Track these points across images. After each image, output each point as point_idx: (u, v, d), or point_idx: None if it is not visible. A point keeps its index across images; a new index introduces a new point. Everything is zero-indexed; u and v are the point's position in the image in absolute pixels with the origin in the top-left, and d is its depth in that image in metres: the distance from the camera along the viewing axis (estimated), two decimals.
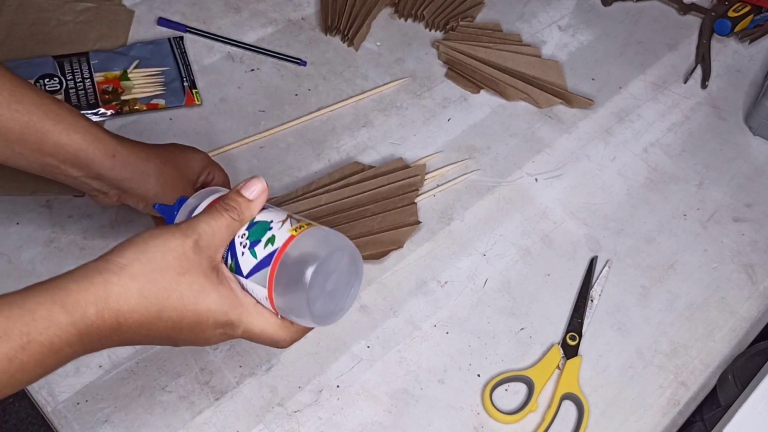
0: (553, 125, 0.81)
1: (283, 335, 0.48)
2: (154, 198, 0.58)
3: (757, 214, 0.77)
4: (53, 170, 0.55)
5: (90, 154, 0.54)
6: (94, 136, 0.55)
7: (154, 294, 0.42)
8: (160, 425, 0.57)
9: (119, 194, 0.58)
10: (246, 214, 0.46)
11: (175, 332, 0.44)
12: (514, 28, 0.90)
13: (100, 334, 0.41)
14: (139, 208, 0.59)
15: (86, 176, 0.56)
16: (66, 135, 0.53)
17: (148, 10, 0.84)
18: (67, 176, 0.55)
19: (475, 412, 0.60)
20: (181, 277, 0.43)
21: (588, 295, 0.68)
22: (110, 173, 0.56)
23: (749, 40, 0.94)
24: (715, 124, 0.85)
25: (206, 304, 0.44)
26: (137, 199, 0.58)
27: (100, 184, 0.57)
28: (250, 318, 0.46)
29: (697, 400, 0.64)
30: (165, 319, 0.43)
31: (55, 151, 0.53)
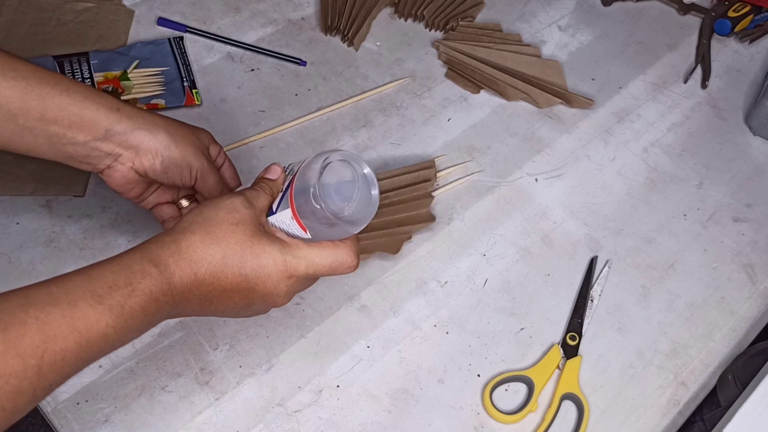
0: (553, 125, 0.81)
1: (343, 252, 0.52)
2: (167, 151, 0.56)
3: (757, 214, 0.77)
4: (60, 141, 0.53)
5: (94, 111, 0.53)
6: (94, 93, 0.54)
7: (214, 242, 0.47)
8: (160, 425, 0.57)
9: (132, 157, 0.55)
10: (274, 189, 0.53)
11: (244, 281, 0.48)
12: (514, 28, 0.90)
13: (183, 287, 0.46)
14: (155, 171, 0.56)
15: (94, 139, 0.54)
16: (66, 95, 0.52)
17: (148, 10, 0.84)
18: (76, 144, 0.54)
19: (475, 412, 0.60)
20: (235, 226, 0.48)
21: (588, 295, 0.68)
22: (117, 126, 0.54)
23: (749, 40, 0.94)
24: (715, 124, 0.85)
25: (261, 245, 0.49)
26: (152, 155, 0.55)
27: (110, 145, 0.54)
28: (305, 251, 0.50)
29: (697, 400, 0.64)
30: (230, 265, 0.48)
31: (59, 115, 0.52)
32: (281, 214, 0.51)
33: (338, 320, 0.64)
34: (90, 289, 0.42)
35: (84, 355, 0.42)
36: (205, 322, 0.62)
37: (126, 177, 0.57)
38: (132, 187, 0.58)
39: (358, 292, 0.66)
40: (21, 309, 0.40)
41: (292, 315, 0.64)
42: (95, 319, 0.42)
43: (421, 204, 0.71)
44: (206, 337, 0.61)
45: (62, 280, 0.43)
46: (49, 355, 0.40)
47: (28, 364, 0.39)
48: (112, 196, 0.68)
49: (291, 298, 0.52)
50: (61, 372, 0.41)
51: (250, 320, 0.63)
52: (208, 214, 0.49)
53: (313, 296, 0.65)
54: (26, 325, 0.39)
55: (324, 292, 0.65)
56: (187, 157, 0.57)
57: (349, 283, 0.66)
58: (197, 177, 0.58)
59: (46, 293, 0.41)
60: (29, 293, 0.41)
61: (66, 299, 0.41)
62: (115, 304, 0.43)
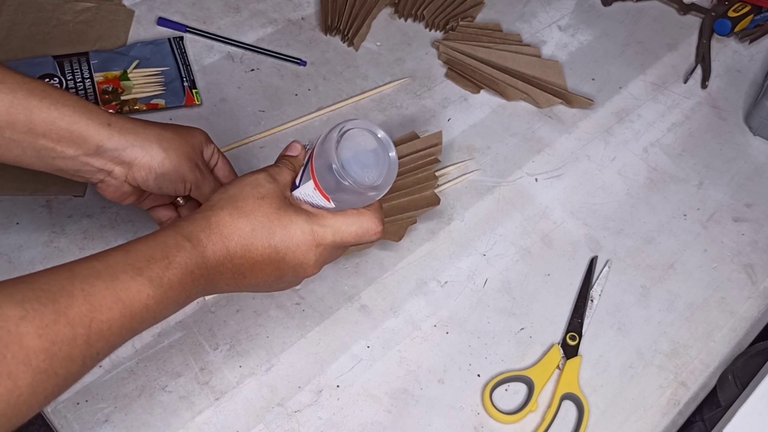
0: (553, 125, 0.81)
1: (367, 219, 0.53)
2: (160, 167, 0.55)
3: (757, 214, 0.77)
4: (49, 155, 0.52)
5: (83, 126, 0.52)
6: (84, 107, 0.53)
7: (243, 215, 0.49)
8: (160, 425, 0.57)
9: (125, 172, 0.55)
10: (296, 165, 0.54)
11: (274, 252, 0.50)
12: (514, 28, 0.90)
13: (216, 260, 0.48)
14: (149, 185, 0.56)
15: (85, 154, 0.53)
16: (55, 109, 0.51)
17: (148, 10, 0.84)
18: (66, 158, 0.53)
19: (475, 412, 0.60)
20: (261, 200, 0.50)
21: (588, 295, 0.68)
22: (108, 143, 0.53)
23: (749, 40, 0.94)
24: (715, 124, 0.85)
25: (287, 216, 0.50)
26: (145, 171, 0.55)
27: (101, 161, 0.54)
28: (330, 220, 0.51)
29: (697, 400, 0.64)
30: (259, 237, 0.49)
31: (47, 130, 0.51)
32: (304, 187, 0.52)
33: (338, 320, 0.64)
34: (129, 263, 0.44)
35: (128, 325, 0.43)
36: (205, 322, 0.62)
37: (120, 190, 0.56)
38: (126, 197, 0.58)
39: (358, 292, 0.66)
40: (68, 281, 0.41)
41: (292, 315, 0.64)
42: (137, 290, 0.43)
43: (426, 186, 0.71)
44: (206, 337, 0.61)
45: (103, 255, 0.44)
46: (96, 324, 0.41)
47: (77, 332, 0.40)
48: None
49: (321, 267, 0.53)
50: (108, 341, 0.42)
51: (250, 320, 0.63)
52: (233, 191, 0.50)
53: (313, 296, 0.65)
54: (73, 297, 0.41)
55: (324, 292, 0.65)
56: (180, 171, 0.56)
57: (349, 283, 0.66)
58: (191, 189, 0.58)
59: (89, 267, 0.43)
60: (74, 268, 0.43)
61: (108, 272, 0.43)
62: (154, 276, 0.44)
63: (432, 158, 0.72)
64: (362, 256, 0.68)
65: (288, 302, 0.64)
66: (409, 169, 0.71)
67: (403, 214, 0.69)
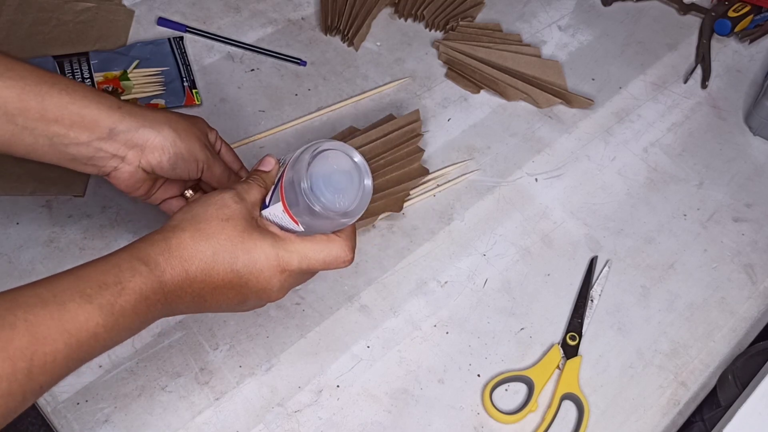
0: (553, 125, 0.81)
1: (337, 246, 0.51)
2: (173, 147, 0.55)
3: (757, 214, 0.77)
4: (62, 142, 0.52)
5: (95, 110, 0.52)
6: (93, 92, 0.53)
7: (204, 239, 0.47)
8: (160, 425, 0.57)
9: (138, 156, 0.54)
10: (267, 181, 0.53)
11: (236, 277, 0.48)
12: (514, 28, 0.90)
13: (175, 285, 0.46)
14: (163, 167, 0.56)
15: (98, 139, 0.53)
16: (66, 94, 0.51)
17: (148, 10, 0.84)
18: (79, 145, 0.53)
19: (475, 412, 0.60)
20: (225, 222, 0.48)
21: (588, 295, 0.68)
22: (120, 125, 0.53)
23: (749, 40, 0.94)
24: (715, 124, 0.85)
25: (252, 240, 0.48)
26: (159, 152, 0.55)
27: (114, 145, 0.54)
28: (297, 245, 0.50)
29: (697, 400, 0.64)
30: (220, 261, 0.47)
31: (59, 115, 0.51)
32: (273, 208, 0.50)
33: (338, 320, 0.64)
34: (79, 289, 0.42)
35: (75, 355, 0.41)
36: (205, 321, 0.62)
37: (134, 177, 0.56)
38: (139, 186, 0.57)
39: (358, 292, 0.66)
40: (9, 311, 0.39)
41: (292, 315, 0.64)
42: (85, 319, 0.41)
43: (413, 159, 0.73)
44: (206, 337, 0.61)
45: (50, 281, 0.42)
46: (39, 357, 0.39)
47: (17, 366, 0.38)
48: (112, 196, 0.68)
49: (286, 292, 0.52)
50: (52, 374, 0.40)
51: (250, 320, 0.63)
52: (197, 210, 0.49)
53: (313, 296, 0.65)
54: (14, 328, 0.39)
55: (324, 292, 0.65)
56: (193, 151, 0.57)
57: (349, 283, 0.66)
58: (203, 169, 0.58)
59: (34, 295, 0.41)
60: (17, 295, 0.41)
61: (54, 300, 0.41)
62: (104, 303, 0.42)
63: (414, 133, 0.74)
64: (362, 255, 0.68)
65: (288, 302, 0.64)
66: (396, 144, 0.73)
67: (397, 187, 0.71)
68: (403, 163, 0.73)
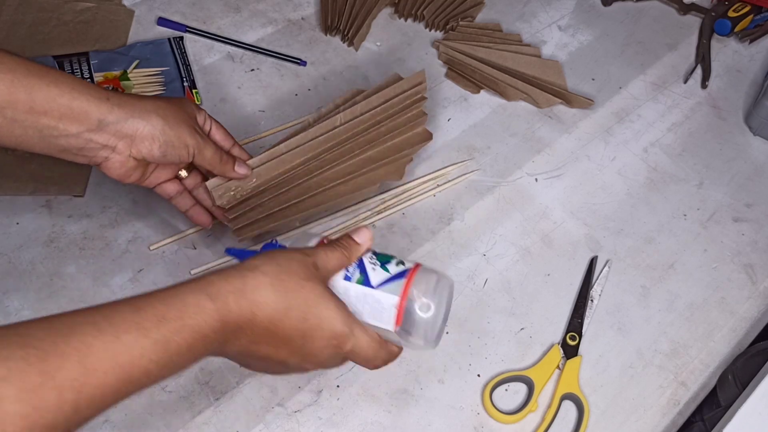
0: (553, 125, 0.81)
1: (382, 354, 0.51)
2: (162, 135, 0.55)
3: (757, 214, 0.77)
4: (51, 134, 0.52)
5: (84, 102, 0.52)
6: (82, 84, 0.53)
7: (282, 290, 0.46)
8: (160, 425, 0.57)
9: (129, 146, 0.55)
10: (354, 253, 0.51)
11: (299, 336, 0.47)
12: (514, 28, 0.90)
13: (236, 326, 0.44)
14: (153, 155, 0.56)
15: (87, 130, 0.53)
16: (55, 86, 0.52)
17: (148, 10, 0.84)
18: (69, 136, 0.53)
19: (475, 412, 0.60)
20: (305, 281, 0.47)
21: (588, 295, 0.68)
22: (109, 116, 0.53)
23: (749, 40, 0.94)
24: (715, 124, 0.85)
25: (327, 309, 0.47)
26: (149, 141, 0.55)
27: (104, 136, 0.54)
28: (361, 332, 0.49)
29: (697, 400, 0.64)
30: (291, 317, 0.46)
31: (48, 108, 0.51)
32: (383, 295, 0.50)
33: None
34: (136, 321, 0.40)
35: (123, 390, 0.39)
36: None
37: (125, 166, 0.56)
38: (131, 174, 0.58)
39: None
40: (63, 339, 0.37)
41: None
42: (139, 355, 0.39)
43: (416, 124, 0.72)
44: None
45: (108, 309, 0.40)
46: (88, 389, 0.37)
47: (64, 398, 0.36)
48: (112, 196, 0.68)
49: (321, 368, 0.51)
50: (98, 407, 0.38)
51: None
52: (281, 261, 0.47)
53: None
54: (65, 357, 0.36)
55: None
56: (182, 137, 0.57)
57: None
58: (194, 154, 0.58)
59: (91, 323, 0.39)
60: (74, 323, 0.38)
61: (110, 330, 0.39)
62: (160, 338, 0.40)
63: (419, 96, 0.72)
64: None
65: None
66: (399, 109, 0.71)
67: (399, 154, 0.70)
68: (405, 129, 0.71)
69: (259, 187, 0.65)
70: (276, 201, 0.66)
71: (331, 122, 0.68)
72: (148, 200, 0.68)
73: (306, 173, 0.67)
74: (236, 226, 0.64)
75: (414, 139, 0.72)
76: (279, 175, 0.65)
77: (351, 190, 0.68)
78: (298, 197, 0.66)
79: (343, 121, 0.68)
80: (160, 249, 0.66)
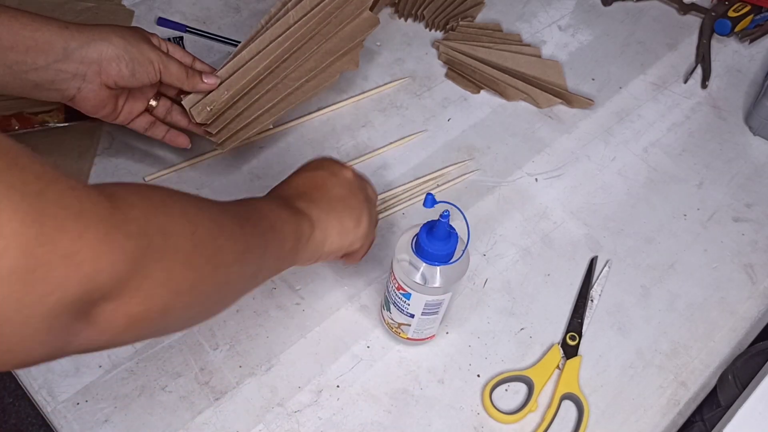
0: (553, 125, 0.81)
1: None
2: (127, 53, 0.58)
3: (757, 214, 0.77)
4: (21, 69, 0.54)
5: (45, 33, 0.54)
6: (40, 17, 0.55)
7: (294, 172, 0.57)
8: (160, 425, 0.57)
9: (98, 71, 0.57)
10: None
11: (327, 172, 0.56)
12: (514, 28, 0.90)
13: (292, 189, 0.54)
14: (123, 76, 0.58)
15: (55, 61, 0.55)
16: (15, 20, 0.53)
17: (148, 10, 0.84)
18: (38, 69, 0.55)
19: (475, 412, 0.60)
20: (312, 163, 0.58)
21: (588, 295, 0.68)
22: (72, 42, 0.55)
23: (749, 40, 0.94)
24: (715, 124, 0.85)
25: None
26: (116, 63, 0.57)
27: (72, 65, 0.56)
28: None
29: (697, 400, 0.64)
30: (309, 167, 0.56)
31: (13, 41, 0.53)
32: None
33: (338, 320, 0.64)
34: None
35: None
36: (205, 322, 0.62)
37: (98, 96, 0.58)
38: (105, 104, 0.59)
39: (358, 292, 0.66)
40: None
41: (292, 315, 0.64)
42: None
43: (360, 12, 0.73)
44: (206, 337, 0.61)
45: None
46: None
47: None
48: None
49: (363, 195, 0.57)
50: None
51: (250, 320, 0.63)
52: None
53: (313, 296, 0.65)
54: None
55: (324, 292, 0.65)
56: (145, 53, 0.59)
57: (349, 283, 0.66)
58: (160, 69, 0.60)
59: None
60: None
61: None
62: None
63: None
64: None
65: (288, 302, 0.64)
66: (340, 4, 0.72)
67: (353, 43, 0.73)
68: (352, 17, 0.73)
69: (234, 97, 0.67)
70: (251, 109, 0.68)
71: (285, 21, 0.69)
72: None
73: (273, 77, 0.69)
74: (220, 140, 0.66)
75: (362, 26, 0.73)
76: (248, 83, 0.67)
77: (315, 86, 0.71)
78: (270, 102, 0.69)
79: (296, 19, 0.70)
80: None
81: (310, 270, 0.66)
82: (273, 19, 0.70)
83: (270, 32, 0.69)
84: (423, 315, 0.58)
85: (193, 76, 0.63)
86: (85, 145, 0.71)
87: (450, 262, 0.54)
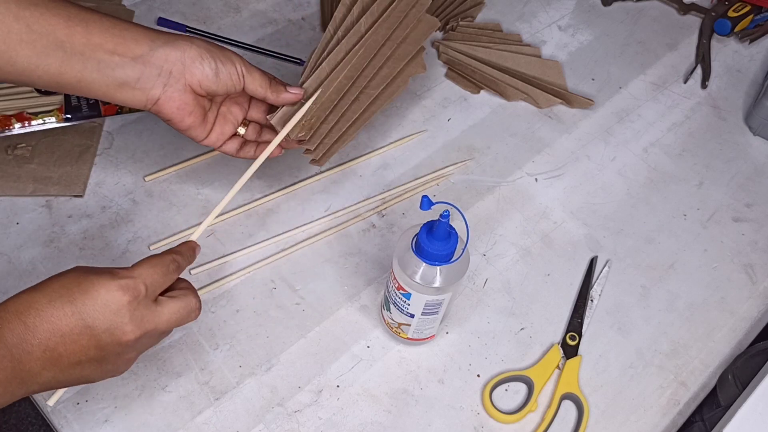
0: (553, 125, 0.81)
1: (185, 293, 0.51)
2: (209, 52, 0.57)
3: (757, 214, 0.77)
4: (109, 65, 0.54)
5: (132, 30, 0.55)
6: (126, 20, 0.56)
7: (38, 290, 0.46)
8: (160, 425, 0.57)
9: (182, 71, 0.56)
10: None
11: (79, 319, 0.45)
12: (514, 28, 0.90)
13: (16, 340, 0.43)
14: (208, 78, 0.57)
15: (141, 56, 0.55)
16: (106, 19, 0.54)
17: (148, 10, 0.84)
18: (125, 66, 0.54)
19: (475, 412, 0.60)
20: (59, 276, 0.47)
21: (588, 295, 0.68)
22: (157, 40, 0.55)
23: (749, 40, 0.94)
24: (715, 124, 0.85)
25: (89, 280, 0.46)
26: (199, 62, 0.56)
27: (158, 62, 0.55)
28: (137, 271, 0.48)
29: (697, 400, 0.64)
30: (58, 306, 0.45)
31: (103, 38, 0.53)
32: None
33: (338, 320, 0.64)
34: None
35: None
36: (205, 322, 0.62)
37: (183, 98, 0.57)
38: (191, 111, 0.58)
39: (358, 292, 0.66)
40: None
41: (292, 315, 0.64)
42: None
43: (417, 15, 0.70)
44: (206, 337, 0.61)
45: None
46: None
47: None
48: (112, 196, 0.68)
49: (143, 329, 0.47)
50: None
51: (250, 320, 0.63)
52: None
53: (313, 296, 0.65)
54: None
55: (324, 292, 0.65)
56: (227, 54, 0.58)
57: (349, 283, 0.66)
58: (244, 74, 0.59)
59: None
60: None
61: None
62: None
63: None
64: (362, 255, 0.68)
65: (288, 302, 0.64)
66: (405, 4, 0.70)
67: (418, 47, 0.70)
68: (414, 21, 0.70)
69: (324, 111, 0.64)
70: (341, 122, 0.66)
71: (357, 30, 0.67)
72: (148, 200, 0.68)
73: (356, 88, 0.67)
74: (318, 156, 0.65)
75: (423, 29, 0.71)
76: (334, 94, 0.65)
77: (390, 93, 0.69)
78: (356, 113, 0.67)
79: (367, 27, 0.67)
80: (159, 249, 0.66)
81: (310, 270, 0.66)
82: (342, 26, 0.67)
83: (345, 42, 0.66)
84: (423, 315, 0.58)
85: (277, 85, 0.61)
86: (85, 145, 0.71)
87: (450, 262, 0.54)
